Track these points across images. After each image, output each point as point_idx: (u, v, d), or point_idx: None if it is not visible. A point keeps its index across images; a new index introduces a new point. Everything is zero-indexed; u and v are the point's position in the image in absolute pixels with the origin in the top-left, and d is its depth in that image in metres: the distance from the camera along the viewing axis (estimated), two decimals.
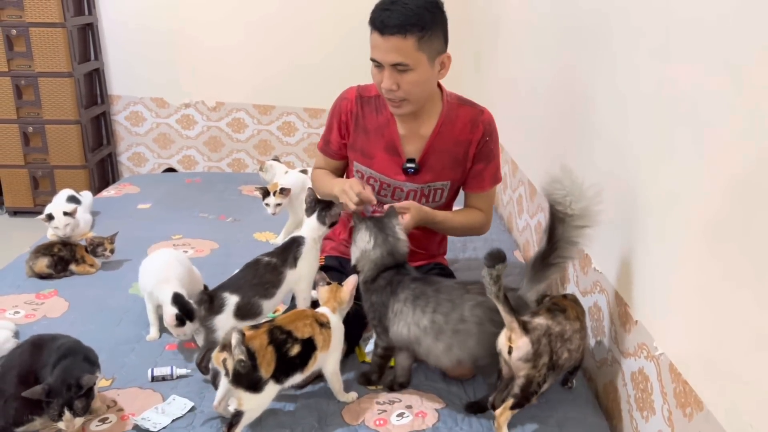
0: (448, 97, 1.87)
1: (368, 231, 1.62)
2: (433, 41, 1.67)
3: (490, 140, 1.86)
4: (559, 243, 1.42)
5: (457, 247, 2.55)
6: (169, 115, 4.21)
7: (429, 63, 1.69)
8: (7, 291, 2.11)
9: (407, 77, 1.68)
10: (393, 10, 1.63)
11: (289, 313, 1.53)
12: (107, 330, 1.88)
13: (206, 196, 3.09)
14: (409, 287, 1.55)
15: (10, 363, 1.48)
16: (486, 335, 1.46)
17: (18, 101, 3.71)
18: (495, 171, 1.92)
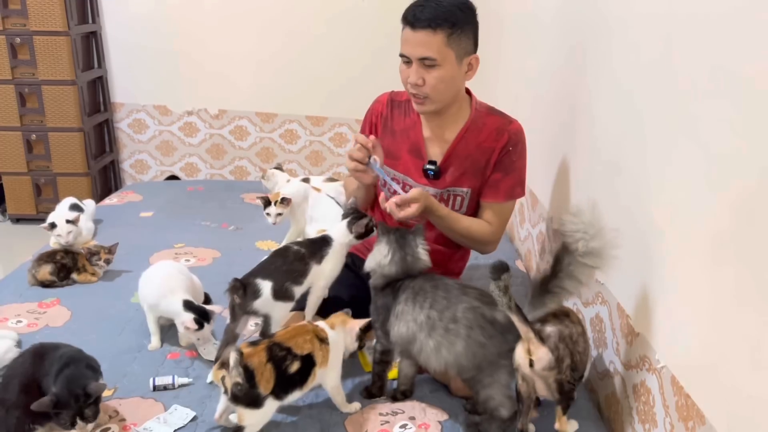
0: (477, 105, 1.87)
1: (388, 246, 1.61)
2: (463, 40, 1.69)
3: (512, 151, 1.82)
4: (561, 273, 1.38)
5: None
6: (172, 123, 4.22)
7: (457, 61, 1.70)
8: (10, 300, 2.11)
9: (434, 73, 1.69)
10: (426, 6, 1.66)
11: (289, 329, 1.53)
12: (109, 339, 1.88)
13: (208, 204, 3.09)
14: (409, 287, 1.56)
15: (12, 372, 1.49)
16: (473, 343, 1.44)
17: (21, 109, 3.72)
18: (513, 184, 1.85)
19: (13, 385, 1.44)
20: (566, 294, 1.37)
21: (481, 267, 2.43)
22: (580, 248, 1.30)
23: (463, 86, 1.82)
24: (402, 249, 1.61)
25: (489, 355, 1.44)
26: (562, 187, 2.12)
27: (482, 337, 1.44)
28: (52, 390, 1.40)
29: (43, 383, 1.45)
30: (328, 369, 1.53)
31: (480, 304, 1.45)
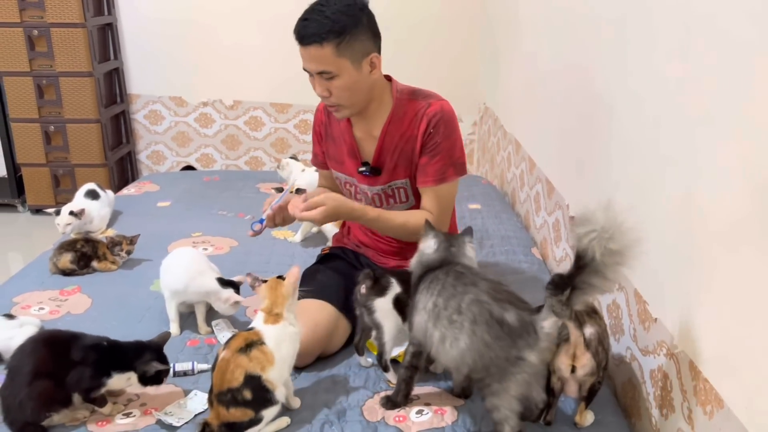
0: (399, 93, 1.83)
1: (436, 239, 1.56)
2: (355, 44, 1.67)
3: (435, 133, 1.77)
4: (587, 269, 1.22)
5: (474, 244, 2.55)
6: (188, 114, 4.24)
7: (354, 67, 1.69)
8: (32, 288, 2.15)
9: (335, 83, 1.70)
10: (310, 20, 1.66)
11: (215, 375, 1.44)
12: (129, 326, 1.91)
13: (225, 194, 3.12)
14: (428, 278, 1.49)
15: (20, 363, 1.45)
16: (478, 341, 1.33)
17: (39, 101, 3.76)
18: (441, 167, 1.79)
19: (23, 375, 1.42)
20: (593, 290, 1.25)
21: (501, 264, 2.43)
22: (597, 255, 1.18)
23: (372, 85, 1.78)
24: (448, 241, 1.57)
25: (496, 359, 1.32)
26: (579, 173, 2.12)
27: (487, 336, 1.32)
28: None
29: (64, 373, 1.44)
30: (278, 365, 1.45)
31: (489, 299, 1.35)
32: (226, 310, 1.86)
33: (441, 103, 1.80)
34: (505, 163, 3.30)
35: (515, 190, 3.06)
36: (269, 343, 1.45)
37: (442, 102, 1.80)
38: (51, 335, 1.54)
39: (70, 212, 2.47)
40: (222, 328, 1.87)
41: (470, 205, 2.98)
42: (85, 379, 1.45)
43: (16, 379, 1.42)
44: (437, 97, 1.82)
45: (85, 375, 1.45)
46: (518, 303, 1.36)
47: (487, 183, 3.39)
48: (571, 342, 1.36)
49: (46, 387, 1.42)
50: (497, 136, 3.54)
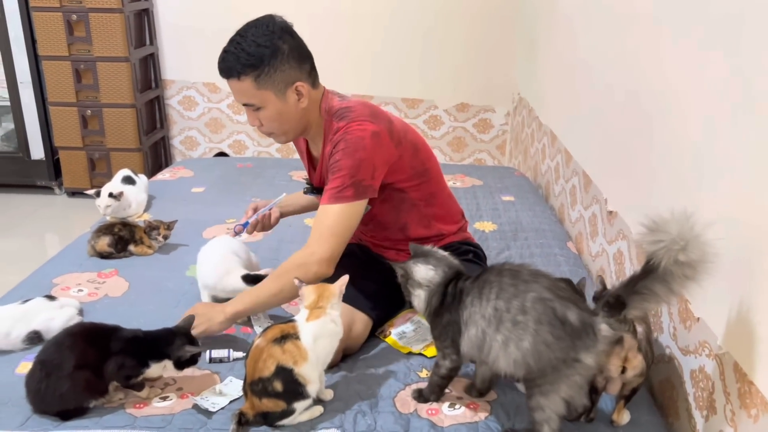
0: (326, 114, 1.76)
1: (423, 264, 1.52)
2: (276, 75, 1.64)
3: (335, 151, 1.69)
4: (653, 275, 1.18)
5: (508, 236, 2.53)
6: (221, 100, 4.27)
7: (278, 97, 1.67)
8: (70, 269, 2.19)
9: (261, 114, 1.69)
10: (227, 54, 1.64)
11: (248, 362, 1.46)
12: (165, 311, 1.93)
13: (258, 181, 3.13)
14: (473, 287, 1.43)
15: (58, 357, 1.45)
16: (540, 342, 1.29)
17: (77, 85, 3.82)
18: (338, 185, 1.66)
19: (63, 370, 1.42)
20: (654, 299, 1.20)
21: (536, 257, 2.41)
22: (664, 264, 1.14)
23: (303, 112, 1.73)
24: (429, 255, 1.54)
25: (553, 359, 1.29)
26: (618, 167, 2.08)
27: (550, 336, 1.28)
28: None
29: (102, 364, 1.46)
30: (311, 363, 1.44)
31: (552, 296, 1.30)
32: None
33: (349, 125, 1.69)
34: (540, 155, 3.26)
35: (549, 182, 3.02)
36: (305, 339, 1.45)
37: (351, 124, 1.69)
38: (88, 328, 1.56)
39: (110, 194, 2.51)
40: (258, 318, 1.88)
41: (503, 197, 2.95)
42: (125, 369, 1.47)
43: (55, 373, 1.43)
44: (352, 116, 1.70)
45: (125, 365, 1.47)
46: (578, 302, 1.33)
47: (520, 175, 3.35)
48: (625, 346, 1.34)
49: (87, 378, 1.44)
50: (531, 128, 3.49)
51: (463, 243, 2.01)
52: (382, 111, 1.82)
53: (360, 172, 1.67)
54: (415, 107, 4.21)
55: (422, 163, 1.88)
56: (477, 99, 4.20)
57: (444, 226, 1.98)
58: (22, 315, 1.74)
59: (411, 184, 1.85)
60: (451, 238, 1.99)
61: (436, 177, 1.95)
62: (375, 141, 1.69)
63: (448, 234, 1.99)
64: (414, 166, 1.84)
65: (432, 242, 1.94)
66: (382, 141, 1.72)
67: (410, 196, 1.87)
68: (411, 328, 1.89)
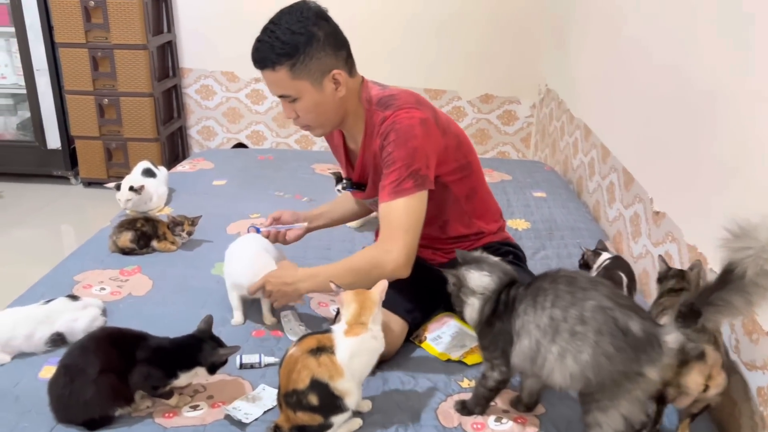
0: (367, 104, 1.67)
1: (477, 270, 1.42)
2: (311, 64, 1.56)
3: (386, 143, 1.60)
4: (731, 285, 1.10)
5: (543, 235, 2.43)
6: (239, 90, 4.18)
7: (315, 87, 1.59)
8: (92, 266, 2.11)
9: (298, 106, 1.62)
10: (261, 43, 1.56)
11: (282, 371, 1.37)
12: (191, 312, 1.84)
13: (280, 174, 3.04)
14: (526, 295, 1.34)
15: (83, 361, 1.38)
16: (600, 353, 1.20)
17: (94, 73, 3.73)
18: (396, 179, 1.57)
19: (88, 375, 1.35)
20: (730, 311, 1.11)
21: (574, 257, 2.31)
22: (749, 274, 1.05)
23: (341, 101, 1.64)
24: (482, 261, 1.45)
25: (615, 373, 1.20)
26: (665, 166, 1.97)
27: (611, 348, 1.19)
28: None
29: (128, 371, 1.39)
30: (345, 379, 1.34)
31: (612, 305, 1.21)
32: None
33: (396, 113, 1.60)
34: (571, 149, 3.15)
35: (582, 178, 2.91)
36: (340, 356, 1.35)
37: (398, 112, 1.60)
38: (113, 333, 1.47)
39: (131, 187, 2.43)
40: (290, 320, 1.80)
41: (534, 193, 2.85)
42: (151, 380, 1.40)
43: (79, 378, 1.35)
44: (398, 104, 1.61)
45: (151, 376, 1.39)
46: (640, 311, 1.24)
47: (550, 169, 3.25)
48: (708, 361, 1.24)
49: (113, 384, 1.37)
50: (561, 121, 3.38)
51: (504, 243, 1.91)
52: (425, 99, 1.74)
53: (415, 161, 1.58)
54: (437, 98, 4.10)
55: (465, 155, 1.79)
56: (501, 90, 4.08)
57: (484, 225, 1.88)
58: (44, 316, 1.66)
59: (454, 178, 1.76)
60: (491, 237, 1.90)
61: (477, 172, 1.85)
62: (424, 128, 1.61)
63: (488, 233, 1.89)
64: (457, 159, 1.75)
65: (471, 241, 1.86)
66: (431, 129, 1.63)
67: (452, 190, 1.77)
68: (447, 332, 1.81)
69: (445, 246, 1.86)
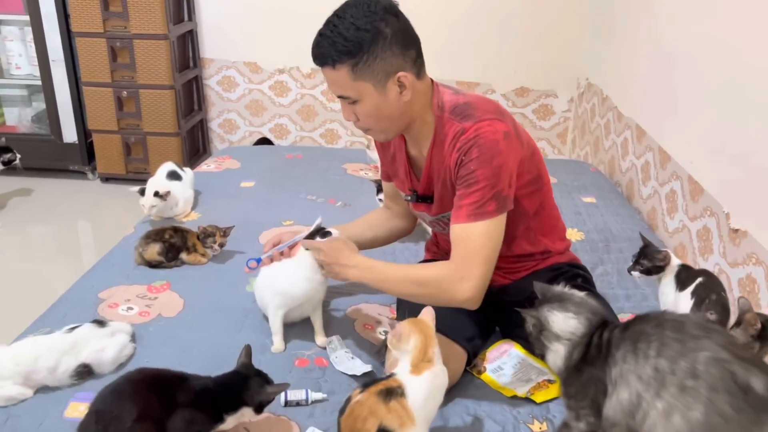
0: (439, 110, 1.50)
1: (561, 311, 1.25)
2: (375, 65, 1.39)
3: (466, 160, 1.43)
4: None
5: (599, 247, 2.26)
6: (262, 81, 4.00)
7: (377, 90, 1.42)
8: (117, 281, 1.96)
9: (357, 109, 1.46)
10: (322, 38, 1.41)
11: (344, 421, 1.23)
12: (227, 336, 1.70)
13: (310, 175, 2.87)
14: (625, 339, 1.17)
15: (118, 408, 1.21)
16: (714, 414, 1.03)
17: (113, 64, 3.56)
18: (478, 200, 1.42)
19: (123, 422, 1.19)
20: None
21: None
22: None
23: (405, 107, 1.47)
24: (565, 300, 1.27)
25: None
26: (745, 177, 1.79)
27: (728, 408, 1.03)
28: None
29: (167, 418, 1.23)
30: (417, 427, 1.21)
31: (730, 357, 1.06)
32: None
33: (478, 126, 1.42)
34: (618, 150, 2.96)
35: (633, 182, 2.72)
36: (413, 399, 1.20)
37: (480, 124, 1.43)
38: (150, 375, 1.29)
39: (155, 193, 2.27)
40: (336, 347, 1.64)
41: (584, 198, 2.67)
42: (195, 425, 1.24)
43: (114, 426, 1.19)
44: (478, 115, 1.44)
45: (195, 421, 1.24)
46: (762, 365, 1.06)
47: (596, 171, 3.06)
48: None
49: None
50: (606, 118, 3.18)
51: (572, 265, 1.74)
52: (502, 106, 1.56)
53: (500, 182, 1.43)
54: (471, 89, 3.90)
55: (537, 167, 1.61)
56: (538, 83, 3.88)
57: (550, 243, 1.71)
58: (69, 346, 1.51)
59: (525, 192, 1.58)
60: (558, 258, 1.72)
61: (547, 184, 1.68)
62: (508, 143, 1.44)
63: (554, 252, 1.72)
64: (530, 170, 1.58)
65: (536, 260, 1.69)
66: (513, 142, 1.46)
67: (522, 204, 1.59)
68: (509, 363, 1.65)
69: (508, 265, 1.69)
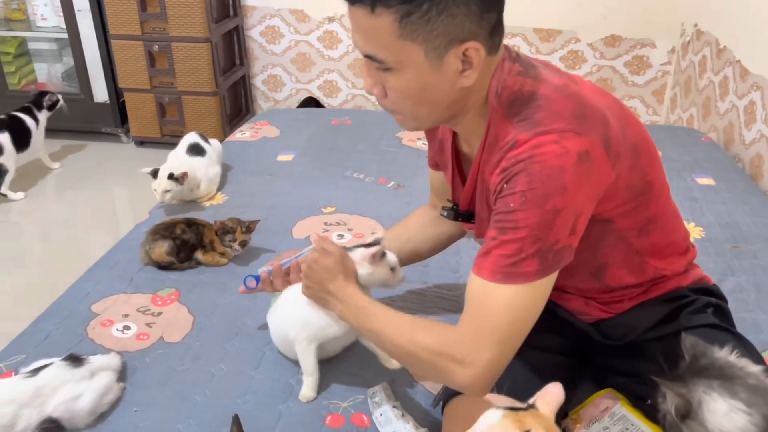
0: (497, 100, 0.99)
1: (725, 397, 0.85)
2: (438, 22, 0.90)
3: (508, 192, 0.93)
4: None
5: (726, 250, 1.75)
6: (310, 32, 3.54)
7: (429, 60, 0.93)
8: (118, 287, 1.60)
9: (390, 80, 0.97)
10: None
11: None
12: (241, 375, 1.31)
13: (359, 147, 2.42)
14: None
15: None
16: None
17: (142, 14, 3.17)
18: (511, 255, 0.92)
19: None
20: None
21: None
22: None
23: (462, 92, 0.98)
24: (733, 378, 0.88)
25: None
26: None
27: None
28: None
29: None
30: None
31: None
32: (388, 281, 1.23)
33: (538, 142, 0.92)
34: (740, 115, 2.38)
35: (763, 158, 2.16)
36: None
37: (542, 139, 0.92)
38: None
39: (170, 175, 1.89)
40: (381, 401, 1.23)
41: (698, 179, 2.13)
42: None
43: None
44: (544, 123, 0.94)
45: None
46: None
47: (709, 141, 2.49)
48: None
49: None
50: (722, 75, 2.58)
51: (697, 289, 1.23)
52: (593, 97, 1.02)
53: (552, 234, 0.93)
54: (550, 40, 3.34)
55: (643, 175, 1.08)
56: (632, 30, 3.27)
57: (665, 265, 1.19)
58: (31, 395, 1.15)
59: (622, 210, 1.07)
60: (677, 281, 1.21)
61: (658, 191, 1.15)
62: (581, 171, 0.92)
63: (671, 276, 1.21)
64: (631, 185, 1.05)
65: (644, 287, 1.20)
66: (594, 165, 0.94)
67: (617, 225, 1.08)
68: (614, 428, 1.20)
69: (602, 295, 1.21)
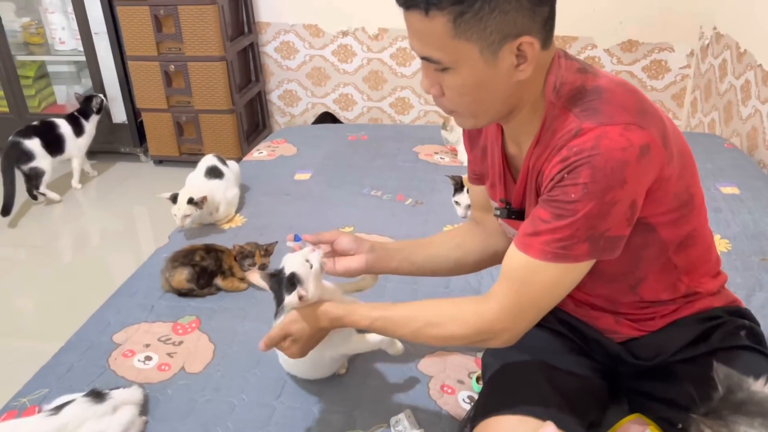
0: (555, 95, 1.00)
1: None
2: (491, 20, 0.91)
3: (569, 182, 0.95)
4: None
5: (754, 264, 1.70)
6: (325, 46, 3.54)
7: (484, 56, 0.94)
8: (138, 315, 1.60)
9: (447, 80, 0.99)
10: None
11: None
12: (262, 405, 1.30)
13: (376, 163, 2.42)
14: None
15: None
16: None
17: (158, 35, 3.20)
18: (564, 239, 0.96)
19: None
20: None
21: None
22: None
23: (517, 86, 0.99)
24: None
25: None
26: None
27: None
28: None
29: None
30: None
31: None
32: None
33: (603, 132, 0.93)
34: (762, 120, 2.33)
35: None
36: None
37: (608, 129, 0.93)
38: None
39: (190, 200, 1.90)
40: (404, 429, 1.21)
41: (722, 188, 2.09)
42: None
43: None
44: (609, 115, 0.95)
45: None
46: None
47: (732, 147, 2.44)
48: None
49: None
50: (744, 78, 2.54)
51: (730, 312, 1.21)
52: (646, 96, 1.03)
53: (608, 220, 0.96)
54: (566, 47, 3.27)
55: (687, 186, 1.07)
56: (649, 34, 3.22)
57: (700, 282, 1.17)
58: None
59: (667, 219, 1.06)
60: (709, 301, 1.19)
61: (699, 206, 1.13)
62: (643, 164, 0.94)
63: (704, 294, 1.18)
64: (678, 193, 1.05)
65: (677, 304, 1.18)
66: (653, 159, 0.95)
67: (660, 235, 1.07)
68: None
69: (635, 311, 1.19)
